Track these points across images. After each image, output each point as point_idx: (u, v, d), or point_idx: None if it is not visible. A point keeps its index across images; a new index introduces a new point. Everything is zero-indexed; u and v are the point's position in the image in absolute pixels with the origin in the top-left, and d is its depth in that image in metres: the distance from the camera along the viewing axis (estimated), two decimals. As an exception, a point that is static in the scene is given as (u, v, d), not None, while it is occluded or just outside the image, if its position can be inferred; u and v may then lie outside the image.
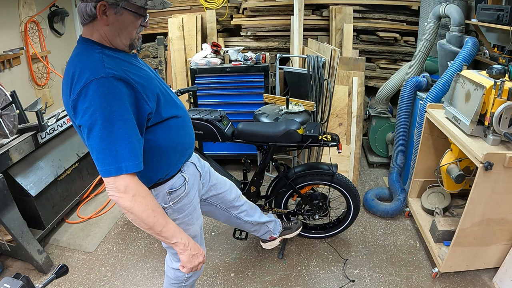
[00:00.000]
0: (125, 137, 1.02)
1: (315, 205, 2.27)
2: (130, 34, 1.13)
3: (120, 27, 1.10)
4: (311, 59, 2.73)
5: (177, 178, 1.33)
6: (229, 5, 3.81)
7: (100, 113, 0.99)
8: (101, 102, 0.99)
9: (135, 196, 1.05)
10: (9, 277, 0.97)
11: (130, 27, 1.12)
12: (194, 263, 1.21)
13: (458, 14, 2.42)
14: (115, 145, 1.01)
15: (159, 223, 1.11)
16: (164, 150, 1.23)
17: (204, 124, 2.07)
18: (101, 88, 0.99)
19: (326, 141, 2.04)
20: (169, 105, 1.23)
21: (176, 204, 1.33)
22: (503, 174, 1.67)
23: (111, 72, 1.02)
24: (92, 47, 1.09)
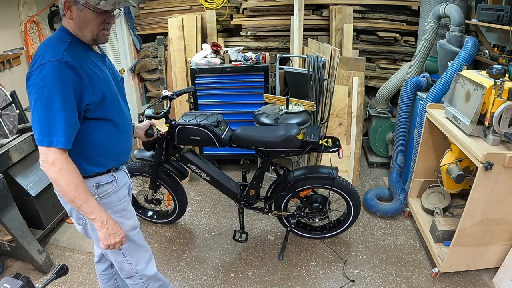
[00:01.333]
0: (62, 116, 1.14)
1: (315, 208, 2.27)
2: (92, 29, 1.23)
3: (82, 22, 1.20)
4: (311, 59, 2.73)
5: (106, 176, 1.39)
6: (229, 5, 3.81)
7: (46, 90, 1.12)
8: (50, 81, 1.11)
9: (61, 170, 1.17)
10: (9, 277, 0.97)
11: (92, 23, 1.21)
12: (110, 241, 1.30)
13: (458, 14, 2.42)
14: (51, 121, 1.13)
15: (80, 198, 1.21)
16: (95, 146, 1.31)
17: (201, 130, 2.05)
18: (53, 69, 1.12)
19: (326, 146, 2.01)
20: (114, 109, 1.33)
21: (102, 199, 1.37)
22: (503, 174, 1.67)
23: (65, 58, 1.14)
24: (65, 36, 1.22)
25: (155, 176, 2.34)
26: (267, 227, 2.63)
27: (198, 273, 2.22)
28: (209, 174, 2.27)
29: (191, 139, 2.10)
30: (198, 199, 3.03)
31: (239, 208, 2.35)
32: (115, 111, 1.34)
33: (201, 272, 2.23)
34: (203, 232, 2.61)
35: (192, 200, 3.01)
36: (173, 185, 2.39)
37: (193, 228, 2.66)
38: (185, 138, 2.11)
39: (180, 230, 2.64)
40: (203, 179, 2.31)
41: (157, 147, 2.20)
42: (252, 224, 2.66)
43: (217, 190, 2.39)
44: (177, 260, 2.34)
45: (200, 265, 2.29)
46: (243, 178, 2.37)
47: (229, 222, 2.71)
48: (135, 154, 2.37)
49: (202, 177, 2.29)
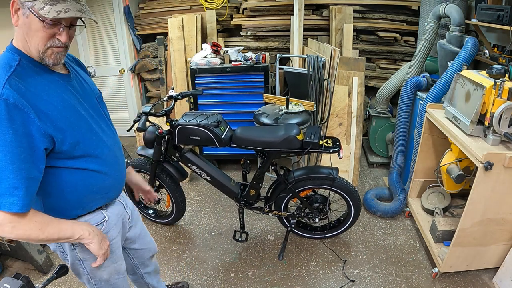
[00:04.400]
0: (10, 170, 0.90)
1: (315, 208, 2.27)
2: (37, 43, 0.96)
3: (27, 32, 0.95)
4: (311, 59, 2.73)
5: (95, 215, 1.19)
6: (229, 5, 3.81)
7: None
8: None
9: (13, 227, 0.95)
10: (9, 277, 0.97)
11: (36, 36, 0.95)
12: (104, 247, 1.15)
13: (458, 14, 2.42)
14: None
15: (52, 235, 1.02)
16: (73, 192, 1.09)
17: (201, 130, 2.05)
18: None
19: (326, 146, 2.01)
20: (88, 142, 1.09)
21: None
22: (503, 174, 1.67)
23: (6, 93, 0.88)
24: (10, 57, 0.97)
25: (154, 174, 2.34)
26: (267, 227, 2.63)
27: (198, 273, 2.22)
28: (209, 174, 2.27)
29: (191, 139, 2.10)
30: (198, 199, 3.03)
31: (239, 208, 2.35)
32: (88, 146, 1.09)
33: (201, 272, 2.23)
34: (203, 232, 2.61)
35: (192, 200, 3.01)
36: (172, 186, 2.39)
37: (193, 228, 2.66)
38: (185, 138, 2.11)
39: (180, 230, 2.64)
40: (203, 179, 2.31)
41: (155, 145, 2.21)
42: (252, 224, 2.66)
43: (217, 190, 2.39)
44: (177, 260, 2.34)
45: (200, 265, 2.29)
46: (243, 178, 2.37)
47: (229, 222, 2.71)
48: (138, 150, 2.40)
49: (202, 177, 2.29)
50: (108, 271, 1.28)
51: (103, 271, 1.27)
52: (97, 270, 1.25)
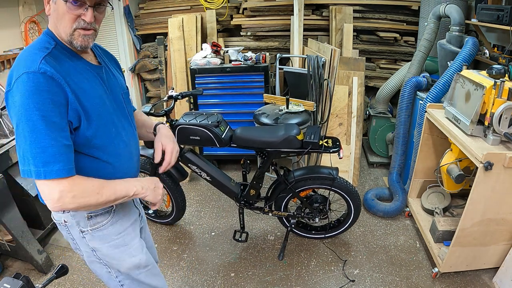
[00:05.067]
0: (50, 139, 0.92)
1: (315, 208, 2.27)
2: (65, 27, 1.00)
3: (56, 17, 1.00)
4: (311, 59, 2.73)
5: None
6: (229, 5, 3.81)
7: (24, 110, 0.91)
8: (27, 98, 0.91)
9: (74, 197, 0.97)
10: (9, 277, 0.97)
11: (64, 18, 0.99)
12: (158, 194, 1.18)
13: (458, 14, 2.42)
14: (38, 146, 0.92)
15: (109, 196, 1.04)
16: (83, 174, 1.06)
17: (201, 130, 2.05)
18: (29, 83, 0.91)
19: (326, 146, 2.01)
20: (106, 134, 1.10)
21: (96, 231, 1.17)
22: (503, 174, 1.67)
23: (43, 68, 0.93)
24: (46, 41, 1.02)
25: (154, 174, 2.34)
26: (267, 227, 2.63)
27: (198, 273, 2.22)
28: (209, 174, 2.27)
29: (191, 139, 2.10)
30: (198, 199, 3.03)
31: (239, 208, 2.35)
32: (107, 137, 1.10)
33: (201, 272, 2.23)
34: (203, 232, 2.61)
35: (192, 200, 3.01)
36: (172, 186, 2.39)
37: (193, 228, 2.66)
38: (186, 138, 2.11)
39: (180, 230, 2.64)
40: (203, 179, 2.31)
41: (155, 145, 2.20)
42: (252, 224, 2.66)
43: (217, 190, 2.39)
44: (177, 260, 2.34)
45: (200, 265, 2.29)
46: (243, 178, 2.37)
47: (229, 222, 2.71)
48: None
49: (202, 177, 2.29)
50: (125, 265, 1.25)
51: (119, 264, 1.25)
52: (113, 261, 1.23)
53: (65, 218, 1.16)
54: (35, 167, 0.92)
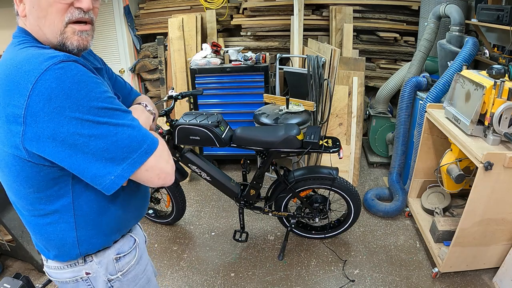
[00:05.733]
0: (127, 116, 0.78)
1: (315, 208, 2.27)
2: (53, 24, 0.76)
3: (38, 14, 0.75)
4: (311, 59, 2.73)
5: (126, 240, 1.00)
6: (229, 5, 3.81)
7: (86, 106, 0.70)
8: (78, 90, 0.69)
9: (172, 165, 0.84)
10: (9, 277, 0.97)
11: (50, 12, 0.75)
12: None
13: (458, 14, 2.42)
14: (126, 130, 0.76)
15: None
16: (108, 210, 0.91)
17: (201, 130, 2.05)
18: (68, 73, 0.69)
19: (326, 146, 2.01)
20: None
21: (126, 275, 0.98)
22: (503, 174, 1.67)
23: (72, 57, 0.73)
24: (31, 40, 0.79)
25: None
26: (267, 227, 2.63)
27: (198, 273, 2.22)
28: (209, 174, 2.27)
29: (191, 139, 2.10)
30: (198, 199, 3.03)
31: (239, 208, 2.35)
32: None
33: (201, 272, 2.23)
34: (203, 232, 2.61)
35: (192, 200, 3.01)
36: (172, 186, 2.39)
37: (193, 228, 2.66)
38: (185, 138, 2.11)
39: (180, 230, 2.64)
40: (203, 179, 2.31)
41: None
42: (252, 224, 2.66)
43: (217, 190, 2.39)
44: (177, 260, 2.34)
45: (200, 265, 2.29)
46: (243, 178, 2.37)
47: (229, 222, 2.71)
48: None
49: (202, 177, 2.29)
50: None
51: None
52: None
53: (87, 269, 0.93)
54: (135, 153, 0.76)
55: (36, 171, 0.77)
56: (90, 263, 0.93)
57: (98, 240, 0.91)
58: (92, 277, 0.94)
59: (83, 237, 0.89)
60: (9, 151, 0.75)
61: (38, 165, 0.76)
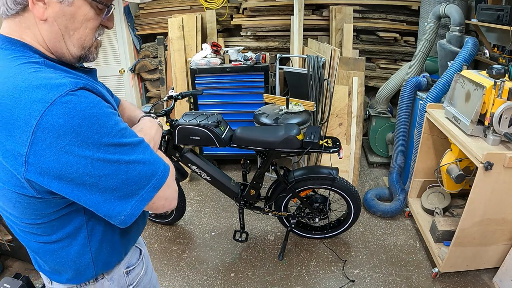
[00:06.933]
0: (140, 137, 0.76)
1: (315, 208, 2.27)
2: (83, 40, 0.73)
3: (67, 26, 0.70)
4: (311, 59, 2.73)
5: (132, 252, 0.97)
6: (229, 5, 3.81)
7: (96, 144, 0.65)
8: (89, 127, 0.64)
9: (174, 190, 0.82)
10: (9, 277, 0.97)
11: (84, 27, 0.72)
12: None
13: (458, 14, 2.42)
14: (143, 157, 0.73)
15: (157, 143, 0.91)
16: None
17: (201, 130, 2.05)
18: (77, 107, 0.62)
19: (326, 146, 2.01)
20: None
21: (137, 287, 0.97)
22: (503, 174, 1.67)
23: (79, 82, 0.65)
24: (26, 53, 0.69)
25: None
26: (267, 227, 2.63)
27: (198, 273, 2.22)
28: (209, 174, 2.27)
29: (191, 139, 2.10)
30: (198, 199, 3.03)
31: (239, 208, 2.35)
32: None
33: (201, 272, 2.23)
34: (203, 232, 2.61)
35: (192, 200, 3.01)
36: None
37: (193, 228, 2.66)
38: (185, 138, 2.11)
39: (180, 230, 2.64)
40: (203, 179, 2.31)
41: None
42: (252, 224, 2.66)
43: (217, 190, 2.39)
44: (177, 260, 2.34)
45: (200, 265, 2.29)
46: (243, 178, 2.37)
47: (229, 222, 2.71)
48: None
49: (202, 177, 2.29)
50: None
51: None
52: None
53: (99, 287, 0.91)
54: (144, 190, 0.73)
55: (47, 204, 0.73)
56: (102, 280, 0.90)
57: (113, 257, 0.89)
58: None
59: (98, 256, 0.86)
60: (12, 189, 0.69)
61: (48, 199, 0.71)
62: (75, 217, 0.79)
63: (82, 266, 0.85)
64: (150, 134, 0.90)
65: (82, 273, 0.86)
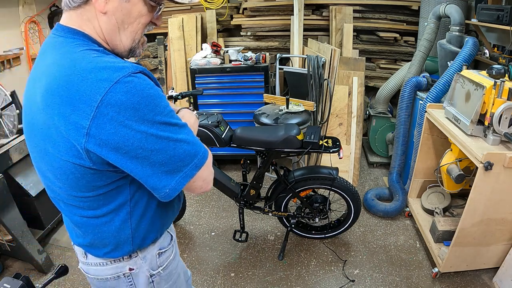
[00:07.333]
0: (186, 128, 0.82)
1: (315, 208, 2.27)
2: (134, 33, 0.82)
3: (123, 20, 0.79)
4: (311, 59, 2.73)
5: (165, 236, 1.04)
6: (229, 5, 3.81)
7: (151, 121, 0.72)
8: (146, 105, 0.71)
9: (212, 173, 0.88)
10: (9, 277, 0.97)
11: (137, 22, 0.81)
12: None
13: (458, 14, 2.42)
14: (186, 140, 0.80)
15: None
16: (161, 204, 0.95)
17: (201, 129, 2.04)
18: (137, 87, 0.70)
19: (326, 146, 2.01)
20: None
21: (165, 269, 1.03)
22: (503, 174, 1.67)
23: (139, 67, 0.74)
24: (86, 42, 0.78)
25: None
26: (267, 227, 2.63)
27: (198, 273, 2.22)
28: (209, 174, 2.26)
29: (191, 139, 2.10)
30: (198, 199, 3.03)
31: (239, 208, 2.35)
32: None
33: (201, 272, 2.23)
34: (203, 232, 2.61)
35: (192, 200, 3.01)
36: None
37: (193, 228, 2.66)
38: (185, 138, 2.11)
39: (180, 230, 2.64)
40: (203, 179, 2.30)
41: None
42: (252, 224, 2.66)
43: (217, 190, 2.39)
44: (177, 260, 2.34)
45: (200, 265, 2.29)
46: (243, 178, 2.37)
47: (229, 222, 2.71)
48: None
49: (202, 177, 2.29)
50: None
51: None
52: None
53: (131, 264, 0.96)
54: (187, 167, 0.80)
55: (98, 177, 0.79)
56: (135, 258, 0.96)
57: (149, 234, 0.95)
58: (135, 273, 0.97)
59: (136, 233, 0.91)
60: (69, 160, 0.75)
61: (101, 171, 0.78)
62: (120, 194, 0.85)
63: (121, 241, 0.90)
64: (190, 122, 0.96)
65: (120, 247, 0.92)
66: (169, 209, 1.01)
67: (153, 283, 1.01)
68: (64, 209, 0.90)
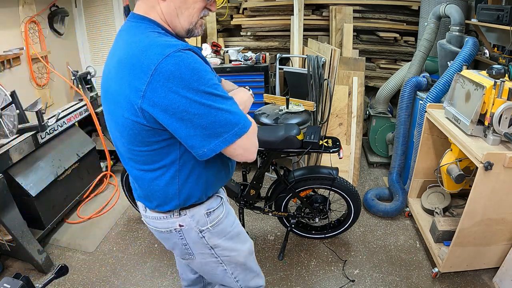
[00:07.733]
0: (229, 98, 0.94)
1: (315, 208, 2.27)
2: (191, 17, 0.97)
3: (181, 5, 0.94)
4: (311, 59, 2.73)
5: (213, 199, 1.18)
6: (229, 5, 3.81)
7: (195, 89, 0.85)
8: (191, 76, 0.85)
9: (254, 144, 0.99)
10: (9, 277, 0.97)
11: (192, 7, 0.95)
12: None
13: (458, 14, 2.42)
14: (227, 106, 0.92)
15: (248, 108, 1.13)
16: (207, 166, 1.07)
17: None
18: (185, 60, 0.85)
19: (326, 146, 2.01)
20: None
21: (216, 227, 1.17)
22: (503, 174, 1.67)
23: (189, 45, 0.90)
24: (150, 25, 0.95)
25: None
26: (267, 227, 2.63)
27: (198, 273, 2.22)
28: (209, 174, 2.26)
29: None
30: (198, 199, 3.02)
31: (239, 208, 2.35)
32: None
33: (201, 272, 2.23)
34: (203, 232, 2.61)
35: (192, 200, 3.01)
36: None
37: (193, 228, 2.65)
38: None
39: (180, 230, 2.63)
40: (203, 179, 2.30)
41: None
42: (252, 224, 2.66)
43: (217, 190, 2.39)
44: (177, 260, 2.34)
45: (200, 265, 2.29)
46: (243, 178, 2.37)
47: (229, 222, 2.70)
48: None
49: (202, 177, 2.29)
50: (242, 254, 1.29)
51: (238, 255, 1.27)
52: (233, 256, 1.25)
53: (181, 221, 1.12)
54: (227, 134, 0.91)
55: (152, 134, 0.93)
56: (184, 216, 1.11)
57: (194, 193, 1.08)
58: (185, 229, 1.13)
59: (183, 189, 1.05)
60: (130, 118, 0.90)
61: (154, 129, 0.91)
62: (170, 153, 0.99)
63: (169, 195, 1.05)
64: (242, 99, 1.11)
65: (168, 201, 1.07)
66: (219, 174, 1.13)
67: (204, 238, 1.15)
68: (127, 163, 1.06)
